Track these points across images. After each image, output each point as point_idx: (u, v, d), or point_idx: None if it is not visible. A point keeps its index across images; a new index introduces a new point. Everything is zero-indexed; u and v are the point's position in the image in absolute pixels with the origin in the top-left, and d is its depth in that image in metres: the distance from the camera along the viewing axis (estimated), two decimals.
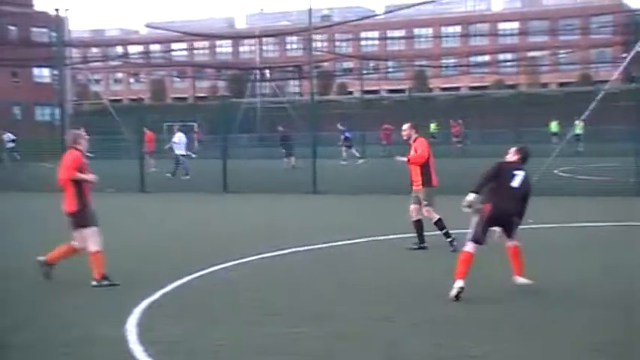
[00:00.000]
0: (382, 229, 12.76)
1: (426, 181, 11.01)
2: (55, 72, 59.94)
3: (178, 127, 29.81)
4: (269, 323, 7.24)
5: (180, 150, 27.69)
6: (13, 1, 62.57)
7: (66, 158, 9.05)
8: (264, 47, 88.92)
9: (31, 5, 67.25)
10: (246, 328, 7.13)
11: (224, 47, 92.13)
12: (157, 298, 8.34)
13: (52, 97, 59.28)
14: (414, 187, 11.15)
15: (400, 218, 11.40)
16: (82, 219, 8.92)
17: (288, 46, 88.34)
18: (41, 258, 9.24)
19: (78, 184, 9.00)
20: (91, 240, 8.89)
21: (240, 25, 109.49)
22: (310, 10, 50.69)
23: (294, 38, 79.93)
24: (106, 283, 8.85)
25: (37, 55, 55.77)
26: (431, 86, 78.90)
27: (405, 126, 11.33)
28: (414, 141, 11.15)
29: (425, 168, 11.05)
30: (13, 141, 36.88)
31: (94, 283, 8.81)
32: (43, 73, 64.51)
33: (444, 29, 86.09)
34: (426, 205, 11.06)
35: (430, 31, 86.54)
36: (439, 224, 11.03)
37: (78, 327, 7.21)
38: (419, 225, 11.10)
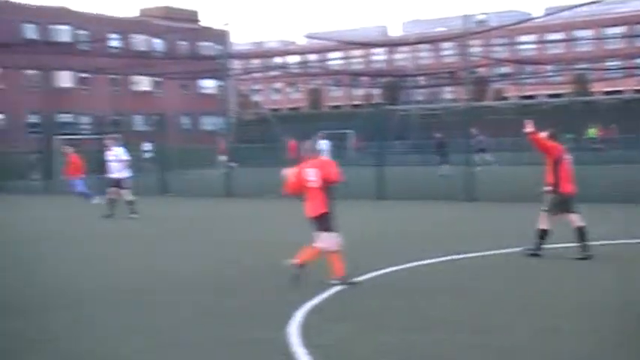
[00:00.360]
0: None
1: (555, 187, 10.84)
2: (220, 83, 62.71)
3: (322, 134, 30.14)
4: (433, 331, 7.20)
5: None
6: (182, 18, 66.00)
7: (327, 164, 9.49)
8: (419, 54, 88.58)
9: (198, 21, 70.62)
10: (410, 334, 7.11)
11: (379, 55, 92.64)
12: (319, 302, 8.47)
13: (217, 107, 62.04)
14: (545, 192, 11.04)
15: (561, 227, 11.03)
16: (327, 222, 9.29)
17: (443, 53, 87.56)
18: (291, 261, 9.36)
19: (328, 189, 9.40)
20: (332, 241, 9.24)
21: (395, 32, 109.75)
22: (466, 15, 50.09)
23: (449, 44, 79.09)
24: (348, 281, 9.20)
25: (204, 67, 58.49)
26: (592, 90, 75.64)
27: (542, 134, 11.01)
28: None
29: (555, 173, 10.85)
30: (149, 151, 38.47)
31: (334, 281, 9.14)
32: (209, 85, 67.60)
33: (606, 30, 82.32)
34: (544, 210, 10.92)
35: (590, 32, 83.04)
36: (542, 233, 10.87)
37: (240, 328, 7.46)
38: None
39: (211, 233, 15.40)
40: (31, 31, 55.10)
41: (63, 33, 56.40)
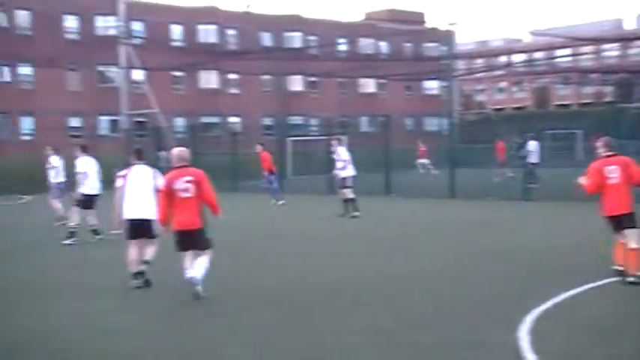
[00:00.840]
0: None
1: None
2: (444, 84, 62.62)
3: (532, 135, 29.30)
4: None
5: (532, 158, 27.08)
6: (407, 20, 66.69)
7: (630, 163, 9.62)
8: None
9: (423, 22, 71.00)
10: None
11: (611, 51, 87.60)
12: (549, 307, 8.36)
13: (440, 107, 62.01)
14: None
15: None
16: (634, 219, 9.46)
17: None
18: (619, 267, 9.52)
19: (630, 187, 9.59)
20: (636, 238, 9.34)
21: (630, 25, 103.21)
22: None
23: None
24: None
25: (428, 68, 58.72)
26: None
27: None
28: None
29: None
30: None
31: (632, 279, 9.21)
32: (432, 86, 67.73)
33: None
34: None
35: None
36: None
37: (472, 330, 7.54)
38: None
39: (446, 236, 15.49)
40: (267, 39, 58.47)
41: (295, 39, 59.24)
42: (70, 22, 49.12)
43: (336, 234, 15.87)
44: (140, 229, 10.13)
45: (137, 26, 50.04)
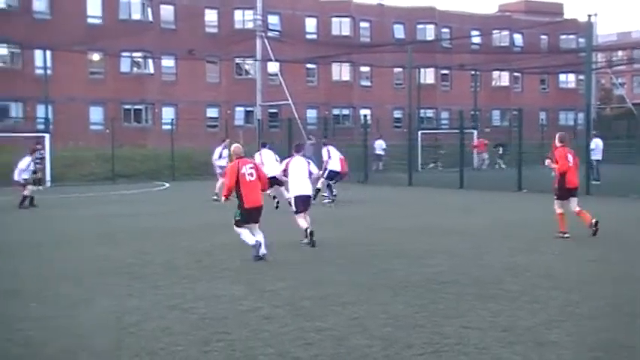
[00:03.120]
0: None
1: None
2: (581, 77, 60.28)
3: (594, 133, 29.53)
4: None
5: (596, 155, 27.56)
6: (544, 11, 64.63)
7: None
8: None
9: (562, 14, 68.58)
10: None
11: None
12: None
13: (576, 102, 59.76)
14: None
15: None
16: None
17: None
18: None
19: None
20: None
21: None
22: None
23: None
24: None
25: (564, 61, 56.78)
26: None
27: None
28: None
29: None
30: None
31: (594, 229, 9.44)
32: (569, 79, 65.43)
33: None
34: None
35: None
36: None
37: (611, 331, 7.26)
38: None
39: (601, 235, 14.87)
40: (399, 31, 58.28)
41: (428, 31, 58.71)
42: (211, 16, 50.79)
43: (474, 227, 15.62)
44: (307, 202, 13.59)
45: (273, 19, 51.11)
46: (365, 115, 37.42)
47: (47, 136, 32.61)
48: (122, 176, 34.82)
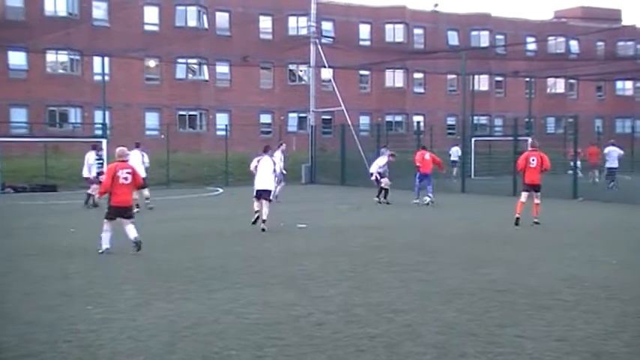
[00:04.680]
0: None
1: None
2: (639, 84, 59.01)
3: (612, 141, 30.25)
4: None
5: (611, 163, 28.53)
6: (601, 18, 63.46)
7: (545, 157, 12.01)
8: None
9: (620, 20, 67.26)
10: None
11: None
12: None
13: (634, 109, 58.54)
14: None
15: None
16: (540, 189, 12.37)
17: None
18: None
19: None
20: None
21: None
22: None
23: None
24: None
25: (621, 68, 55.64)
26: None
27: None
28: None
29: None
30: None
31: (535, 221, 9.53)
32: (626, 86, 64.15)
33: None
34: None
35: None
36: None
37: None
38: None
39: None
40: (453, 38, 57.85)
41: (482, 38, 58.15)
42: (265, 23, 51.19)
43: (529, 236, 15.42)
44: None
45: (327, 25, 51.25)
46: (418, 122, 37.26)
47: (104, 141, 33.31)
48: (177, 181, 35.28)
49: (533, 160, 17.33)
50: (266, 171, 17.10)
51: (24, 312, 8.45)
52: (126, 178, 13.05)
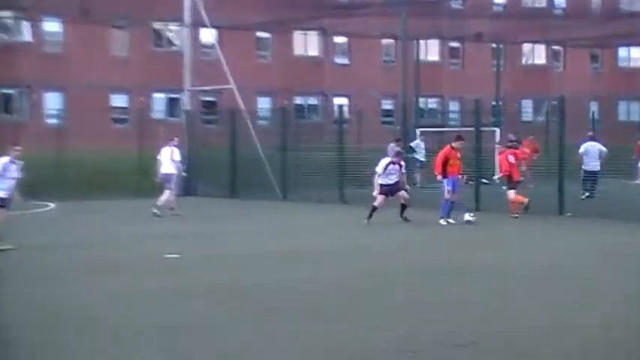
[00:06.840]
0: None
1: None
2: None
3: (590, 135, 32.58)
4: None
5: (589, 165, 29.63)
6: None
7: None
8: None
9: None
10: None
11: None
12: None
13: None
14: None
15: None
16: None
17: None
18: None
19: None
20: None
21: None
22: None
23: None
24: None
25: (626, 29, 57.33)
26: None
27: None
28: None
29: None
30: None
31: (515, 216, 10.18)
32: (632, 55, 66.29)
33: None
34: None
35: None
36: None
37: None
38: None
39: None
40: None
41: None
42: None
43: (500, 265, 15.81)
44: None
45: None
46: (340, 106, 37.50)
47: None
48: None
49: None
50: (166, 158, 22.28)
51: None
52: None
